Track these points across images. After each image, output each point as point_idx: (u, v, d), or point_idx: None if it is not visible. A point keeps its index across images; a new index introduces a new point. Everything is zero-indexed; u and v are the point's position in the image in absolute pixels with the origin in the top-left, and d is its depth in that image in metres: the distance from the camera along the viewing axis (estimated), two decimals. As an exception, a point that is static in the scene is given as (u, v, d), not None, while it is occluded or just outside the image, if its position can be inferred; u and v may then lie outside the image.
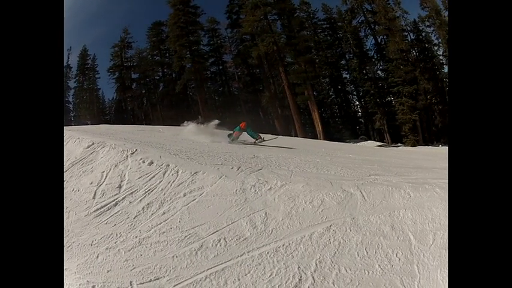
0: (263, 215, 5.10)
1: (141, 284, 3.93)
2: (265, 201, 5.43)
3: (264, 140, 12.55)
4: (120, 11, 35.00)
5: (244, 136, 12.49)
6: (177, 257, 4.34)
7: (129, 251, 4.56)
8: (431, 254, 4.42)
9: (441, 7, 30.12)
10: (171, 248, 4.52)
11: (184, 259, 4.30)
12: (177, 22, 31.26)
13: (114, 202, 5.71)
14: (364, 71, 31.42)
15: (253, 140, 12.43)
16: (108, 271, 4.21)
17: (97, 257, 4.49)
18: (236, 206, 5.33)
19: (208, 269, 4.12)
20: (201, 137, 11.99)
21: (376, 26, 30.80)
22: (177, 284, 3.91)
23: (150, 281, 3.97)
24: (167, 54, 32.84)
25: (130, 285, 3.93)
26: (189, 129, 13.62)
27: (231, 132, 12.54)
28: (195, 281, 3.94)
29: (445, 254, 4.40)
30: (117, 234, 4.91)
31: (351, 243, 4.58)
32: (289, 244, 4.53)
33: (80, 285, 3.98)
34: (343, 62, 32.32)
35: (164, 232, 4.84)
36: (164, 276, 4.01)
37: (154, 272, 4.08)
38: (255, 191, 5.66)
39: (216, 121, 14.37)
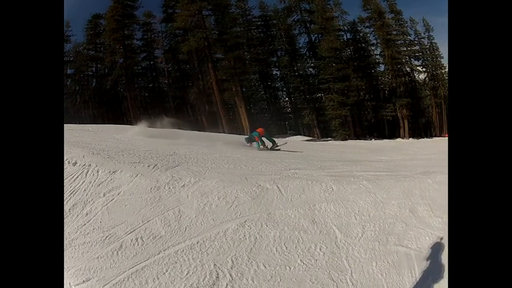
0: (176, 212, 5.04)
1: (76, 285, 3.82)
2: (178, 198, 5.37)
3: (278, 145, 12.62)
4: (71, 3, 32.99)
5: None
6: (101, 257, 4.22)
7: (62, 253, 4.41)
8: (362, 247, 4.49)
9: (385, 9, 31.38)
10: (95, 248, 4.39)
11: (107, 259, 4.19)
12: (114, 15, 30.18)
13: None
14: (295, 68, 31.98)
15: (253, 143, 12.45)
16: (49, 274, 4.04)
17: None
18: (150, 204, 5.24)
19: (129, 269, 4.03)
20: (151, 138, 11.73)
21: (312, 25, 31.46)
22: (105, 285, 3.82)
23: (83, 282, 3.85)
24: (101, 49, 31.62)
25: (70, 286, 3.80)
26: (137, 131, 13.40)
27: (247, 136, 12.68)
28: (119, 281, 3.86)
29: (378, 246, 4.51)
30: (49, 237, 4.70)
31: (268, 239, 4.58)
32: (203, 241, 4.48)
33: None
34: (274, 59, 32.69)
35: (88, 233, 4.69)
36: (93, 277, 3.91)
37: (85, 273, 3.96)
38: (169, 188, 5.60)
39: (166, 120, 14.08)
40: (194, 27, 28.93)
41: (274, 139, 13.14)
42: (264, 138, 12.43)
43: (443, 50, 31.85)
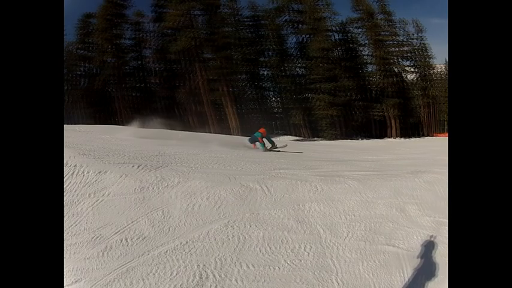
0: (161, 213, 5.02)
1: (67, 286, 3.80)
2: (162, 199, 5.36)
3: (277, 147, 12.66)
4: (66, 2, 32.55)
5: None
6: (88, 258, 4.20)
7: (52, 254, 4.40)
8: (348, 246, 4.49)
9: (375, 10, 31.59)
10: (83, 249, 4.37)
11: (94, 260, 4.17)
12: (105, 14, 30.06)
13: (33, 207, 5.38)
14: (283, 68, 32.02)
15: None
16: (42, 275, 4.03)
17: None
18: (135, 205, 5.21)
19: (115, 270, 4.01)
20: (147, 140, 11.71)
21: (301, 25, 31.54)
22: (92, 286, 3.80)
23: (72, 283, 3.84)
24: (91, 48, 31.40)
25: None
26: (131, 131, 13.42)
27: (250, 137, 12.71)
28: (106, 282, 3.85)
29: (364, 245, 4.51)
30: (40, 239, 4.69)
31: (252, 239, 4.57)
32: (187, 242, 4.47)
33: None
34: (262, 59, 32.79)
35: (75, 234, 4.66)
36: (82, 279, 3.90)
37: (75, 274, 3.95)
38: (153, 189, 5.58)
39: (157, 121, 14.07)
40: (183, 27, 28.85)
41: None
42: (263, 139, 12.49)
43: (437, 50, 32.19)
